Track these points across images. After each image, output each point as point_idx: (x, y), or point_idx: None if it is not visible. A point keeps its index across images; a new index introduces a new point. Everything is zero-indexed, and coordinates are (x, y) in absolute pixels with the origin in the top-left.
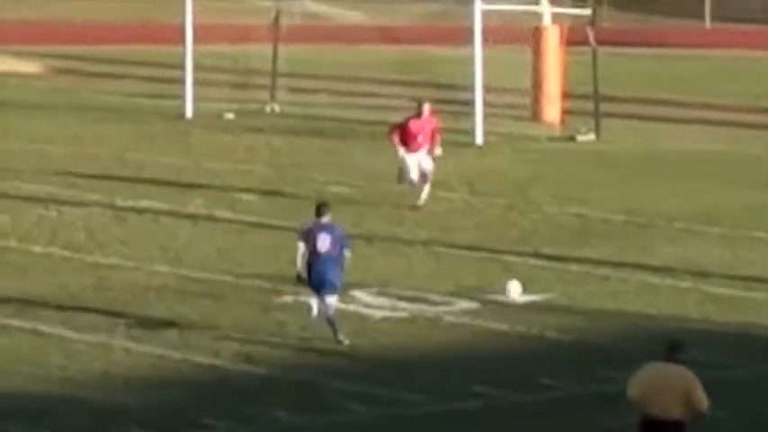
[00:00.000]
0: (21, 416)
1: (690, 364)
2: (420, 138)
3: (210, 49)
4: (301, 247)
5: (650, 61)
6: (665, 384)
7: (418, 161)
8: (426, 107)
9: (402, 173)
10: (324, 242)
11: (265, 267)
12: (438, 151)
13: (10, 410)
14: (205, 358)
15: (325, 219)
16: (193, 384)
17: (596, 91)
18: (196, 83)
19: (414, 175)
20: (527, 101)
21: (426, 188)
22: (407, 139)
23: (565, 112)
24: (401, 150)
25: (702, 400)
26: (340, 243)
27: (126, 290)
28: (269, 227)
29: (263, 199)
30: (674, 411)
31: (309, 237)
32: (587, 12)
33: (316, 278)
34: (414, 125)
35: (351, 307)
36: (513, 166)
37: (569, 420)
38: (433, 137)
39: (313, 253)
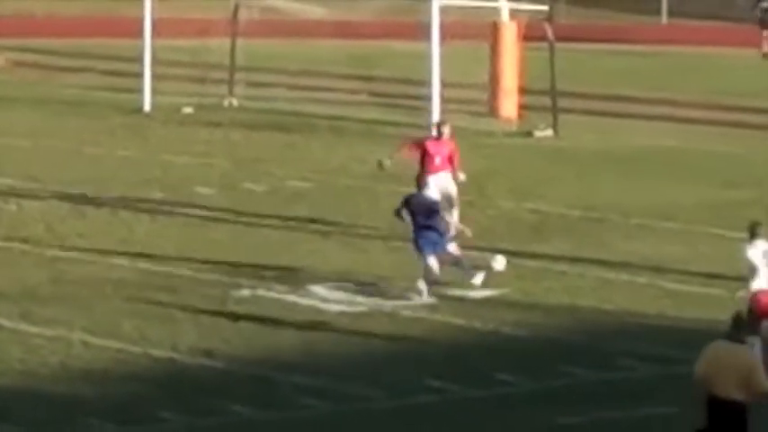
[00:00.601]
0: None
1: (647, 360)
2: (438, 160)
3: (169, 43)
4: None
5: (608, 57)
6: (727, 365)
7: (443, 185)
8: (447, 129)
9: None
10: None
11: (223, 261)
12: (462, 177)
13: None
14: (163, 352)
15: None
16: (152, 378)
17: (554, 87)
18: (155, 77)
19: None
20: (484, 96)
21: (455, 214)
22: (426, 161)
23: (522, 107)
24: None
25: (763, 382)
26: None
27: (84, 283)
28: (227, 221)
29: (221, 193)
30: (735, 392)
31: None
32: (545, 8)
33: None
34: (432, 147)
35: (307, 301)
36: (471, 161)
37: (526, 416)
38: (451, 160)
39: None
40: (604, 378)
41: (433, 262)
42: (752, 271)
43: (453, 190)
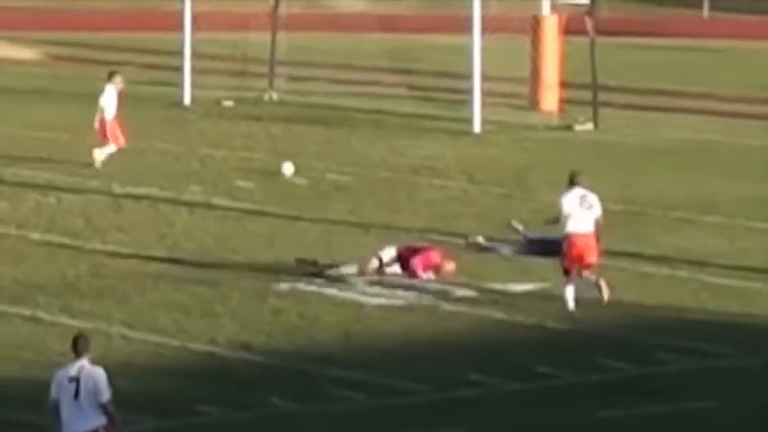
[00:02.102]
0: (20, 402)
1: (687, 354)
2: None
3: (209, 36)
4: None
5: (648, 51)
6: None
7: None
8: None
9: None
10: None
11: (262, 255)
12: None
13: (9, 397)
14: (202, 345)
15: None
16: (191, 371)
17: (594, 80)
18: (195, 70)
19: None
20: (525, 90)
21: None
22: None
23: (563, 101)
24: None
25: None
26: None
27: (123, 277)
28: (266, 214)
29: (260, 186)
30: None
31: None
32: (586, 1)
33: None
34: None
35: (347, 294)
36: (511, 154)
37: (567, 409)
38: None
39: None
40: (645, 372)
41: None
42: (564, 217)
43: None
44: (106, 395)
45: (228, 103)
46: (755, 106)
